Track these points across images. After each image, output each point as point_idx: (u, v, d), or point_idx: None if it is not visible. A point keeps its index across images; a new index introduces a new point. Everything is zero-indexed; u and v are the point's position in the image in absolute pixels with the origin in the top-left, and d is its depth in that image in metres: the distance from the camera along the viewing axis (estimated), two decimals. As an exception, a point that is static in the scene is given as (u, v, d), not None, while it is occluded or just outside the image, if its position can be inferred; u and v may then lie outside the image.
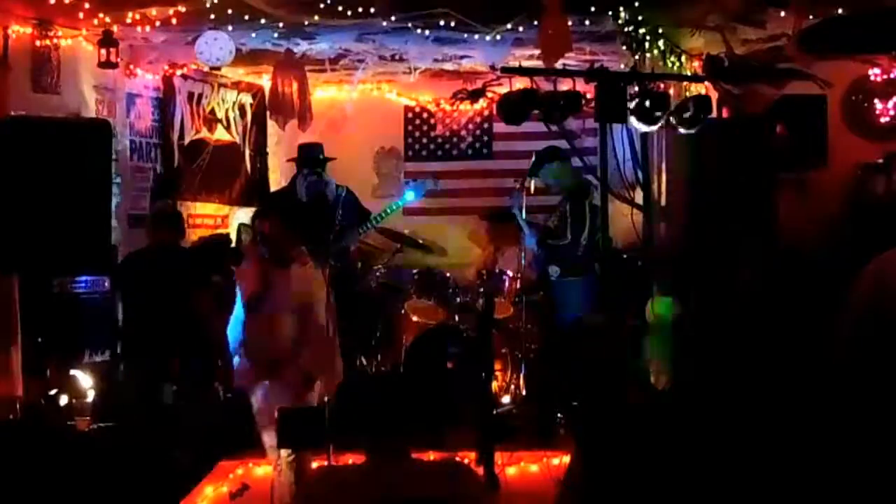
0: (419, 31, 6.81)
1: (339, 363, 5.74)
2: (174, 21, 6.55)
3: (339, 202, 7.64)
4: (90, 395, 6.38)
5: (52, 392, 6.15)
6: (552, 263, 7.43)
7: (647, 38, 6.49)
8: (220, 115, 8.55)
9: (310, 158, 7.74)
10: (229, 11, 6.36)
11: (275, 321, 5.40)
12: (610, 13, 6.45)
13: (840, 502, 2.52)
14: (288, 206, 7.57)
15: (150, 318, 6.58)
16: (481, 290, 7.71)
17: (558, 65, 6.45)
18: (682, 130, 6.05)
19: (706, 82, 6.67)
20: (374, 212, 7.93)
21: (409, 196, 8.14)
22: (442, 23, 6.60)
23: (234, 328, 5.57)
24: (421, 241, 8.32)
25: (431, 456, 5.42)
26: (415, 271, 7.99)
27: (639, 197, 7.03)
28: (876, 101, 8.00)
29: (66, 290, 6.53)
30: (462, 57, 7.80)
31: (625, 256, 7.49)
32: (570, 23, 6.32)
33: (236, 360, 5.59)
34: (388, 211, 7.92)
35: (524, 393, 7.44)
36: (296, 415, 5.21)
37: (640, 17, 6.44)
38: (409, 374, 7.06)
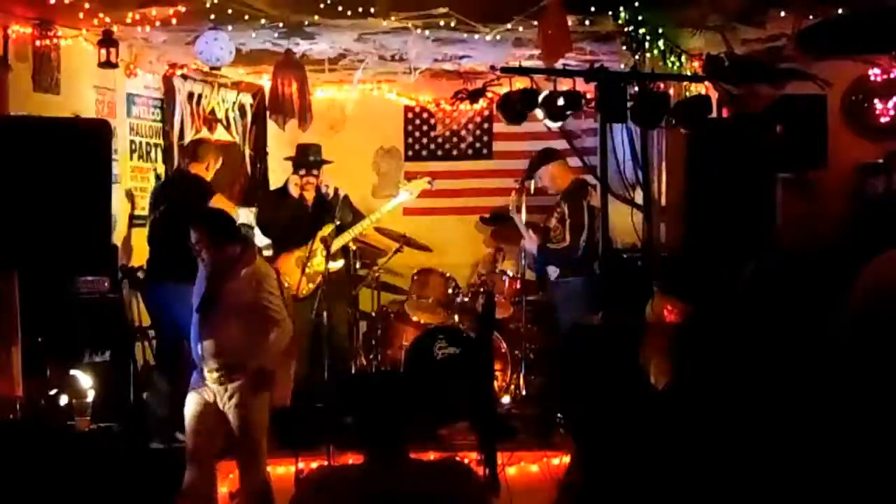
0: (419, 31, 6.81)
1: (293, 368, 5.73)
2: (174, 21, 6.55)
3: (335, 203, 7.60)
4: (90, 395, 6.38)
5: (52, 392, 6.15)
6: (550, 264, 7.43)
7: (647, 38, 6.49)
8: (220, 115, 8.54)
9: (306, 159, 7.67)
10: (229, 11, 6.36)
11: (221, 326, 5.40)
12: (610, 13, 6.45)
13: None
14: (283, 205, 7.57)
15: None
16: (481, 290, 7.72)
17: (558, 65, 6.45)
18: (682, 130, 6.05)
19: (706, 82, 6.67)
20: (371, 212, 7.86)
21: (403, 196, 8.00)
22: (442, 23, 6.60)
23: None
24: (421, 242, 8.31)
25: (431, 456, 5.43)
26: (415, 271, 8.00)
27: (639, 197, 7.03)
28: (876, 101, 7.99)
29: (66, 289, 6.53)
30: (462, 57, 7.80)
31: (625, 256, 7.49)
32: (570, 23, 6.33)
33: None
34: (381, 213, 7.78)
35: (524, 393, 7.45)
36: (295, 415, 5.22)
37: (640, 17, 6.43)
38: (408, 374, 7.05)
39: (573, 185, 7.44)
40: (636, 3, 6.35)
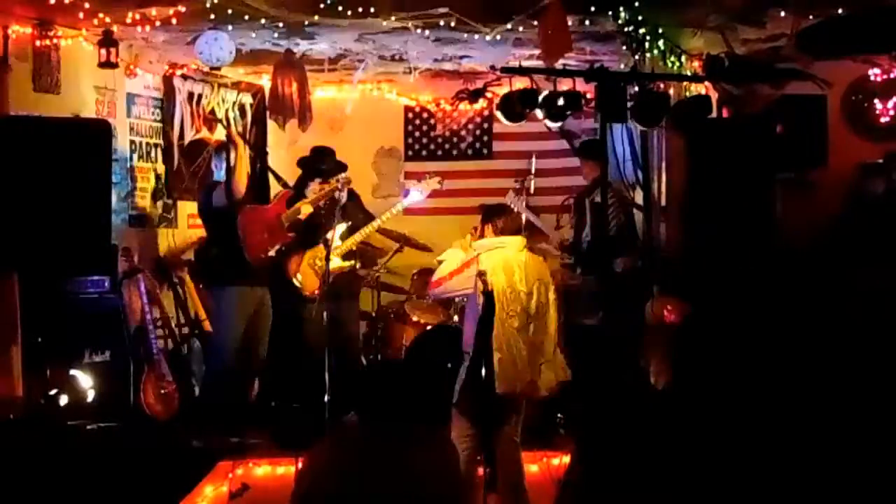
0: (419, 31, 6.80)
1: None
2: (174, 21, 6.55)
3: (348, 203, 7.56)
4: (90, 395, 6.38)
5: (52, 392, 6.15)
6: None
7: (647, 38, 6.49)
8: (220, 115, 8.53)
9: (323, 166, 7.51)
10: (229, 11, 6.36)
11: None
12: (610, 13, 6.45)
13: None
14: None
15: None
16: (481, 290, 7.69)
17: (558, 65, 6.45)
18: (681, 130, 6.06)
19: (706, 82, 6.67)
20: (376, 212, 7.83)
21: (415, 196, 7.91)
22: (442, 23, 6.60)
23: None
24: (421, 242, 8.29)
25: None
26: (415, 271, 7.98)
27: (639, 197, 7.04)
28: (876, 101, 8.00)
29: (66, 289, 6.54)
30: (462, 57, 7.80)
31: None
32: (570, 23, 6.33)
33: None
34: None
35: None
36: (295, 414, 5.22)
37: (640, 17, 6.44)
38: (408, 373, 7.05)
39: (590, 184, 7.37)
40: (636, 3, 6.35)
